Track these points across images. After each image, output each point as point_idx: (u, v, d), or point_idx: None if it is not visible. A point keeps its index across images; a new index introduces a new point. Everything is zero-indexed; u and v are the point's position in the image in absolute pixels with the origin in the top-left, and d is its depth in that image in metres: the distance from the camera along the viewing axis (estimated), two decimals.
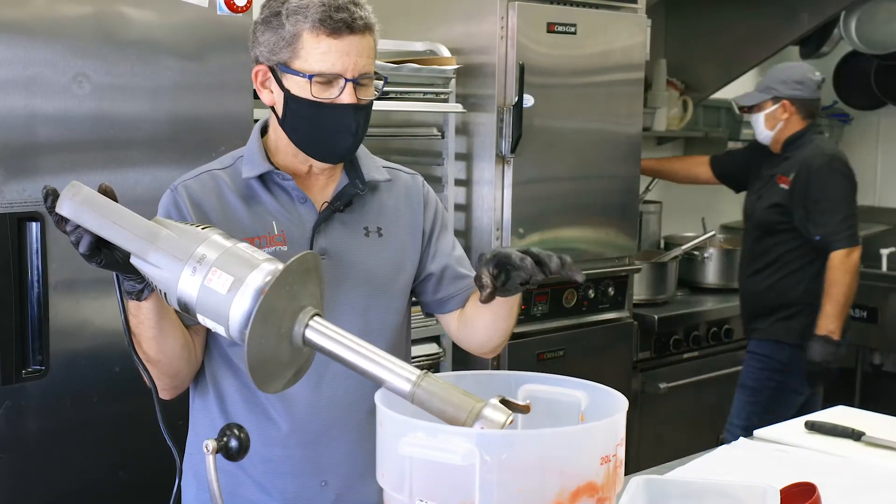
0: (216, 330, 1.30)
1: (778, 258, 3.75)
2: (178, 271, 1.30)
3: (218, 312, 1.27)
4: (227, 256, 1.29)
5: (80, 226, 1.36)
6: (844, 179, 3.63)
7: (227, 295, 1.26)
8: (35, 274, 2.33)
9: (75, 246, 1.38)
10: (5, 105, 2.26)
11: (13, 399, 2.32)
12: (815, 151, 3.67)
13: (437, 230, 1.88)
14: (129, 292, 1.50)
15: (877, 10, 4.97)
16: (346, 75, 1.64)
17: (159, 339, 1.59)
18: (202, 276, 1.28)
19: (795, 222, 3.66)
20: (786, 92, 3.73)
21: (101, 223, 1.35)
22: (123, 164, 2.45)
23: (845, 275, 3.55)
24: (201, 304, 1.28)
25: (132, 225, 1.34)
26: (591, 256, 3.69)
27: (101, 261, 1.39)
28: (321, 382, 1.72)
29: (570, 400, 1.38)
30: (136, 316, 1.54)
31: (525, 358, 3.46)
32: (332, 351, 1.29)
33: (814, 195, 3.60)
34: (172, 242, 1.32)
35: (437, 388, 1.26)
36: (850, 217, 3.60)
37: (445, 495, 1.17)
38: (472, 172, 3.46)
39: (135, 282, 1.47)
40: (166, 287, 1.31)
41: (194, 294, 1.28)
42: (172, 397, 1.73)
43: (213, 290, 1.27)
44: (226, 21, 2.53)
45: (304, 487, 1.73)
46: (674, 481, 1.67)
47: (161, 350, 1.61)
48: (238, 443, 1.29)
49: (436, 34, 3.45)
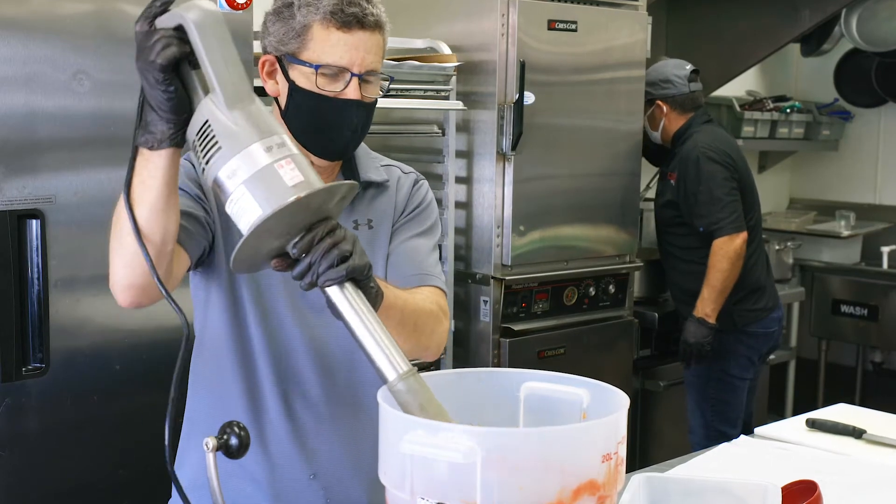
0: (238, 214, 1.28)
1: (681, 251, 3.80)
2: (252, 139, 1.28)
3: (267, 197, 1.26)
4: (301, 158, 1.31)
5: (181, 37, 1.30)
6: (719, 167, 3.65)
7: (289, 188, 1.27)
8: (35, 271, 2.33)
9: (149, 52, 1.29)
10: (5, 102, 2.26)
11: (13, 397, 2.32)
12: (691, 144, 3.71)
13: (405, 222, 1.82)
14: (152, 134, 1.36)
15: (878, 8, 4.96)
16: (353, 69, 1.64)
17: (157, 206, 1.42)
18: (275, 158, 1.28)
19: (684, 216, 3.72)
20: (656, 93, 3.81)
21: (214, 51, 1.29)
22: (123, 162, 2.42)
23: (723, 260, 3.59)
24: (256, 179, 1.27)
25: (238, 72, 1.31)
26: (591, 254, 3.69)
27: (168, 81, 1.30)
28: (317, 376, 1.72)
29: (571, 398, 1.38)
30: (144, 170, 1.40)
31: (526, 356, 3.46)
32: (343, 314, 1.32)
33: (692, 188, 3.66)
34: (263, 114, 1.31)
35: (420, 390, 1.27)
36: (730, 204, 3.62)
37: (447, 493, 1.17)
38: (473, 170, 3.46)
39: (168, 124, 1.35)
40: (228, 143, 1.28)
41: (256, 168, 1.27)
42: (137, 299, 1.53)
43: (280, 175, 1.27)
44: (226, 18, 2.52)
45: (293, 480, 1.73)
46: (675, 479, 1.67)
47: (155, 222, 1.43)
48: (238, 440, 1.29)
49: (436, 31, 3.45)
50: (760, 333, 3.78)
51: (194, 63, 1.32)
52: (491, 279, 3.42)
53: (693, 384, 3.84)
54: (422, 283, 1.75)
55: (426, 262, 1.79)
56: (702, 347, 3.65)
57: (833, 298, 5.10)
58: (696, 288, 3.69)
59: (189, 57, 1.31)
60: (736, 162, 3.70)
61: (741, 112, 4.89)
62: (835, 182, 5.69)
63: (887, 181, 5.54)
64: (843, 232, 5.22)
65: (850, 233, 5.23)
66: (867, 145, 5.56)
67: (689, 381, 3.86)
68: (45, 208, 2.33)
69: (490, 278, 3.43)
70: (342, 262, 1.31)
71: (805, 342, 5.19)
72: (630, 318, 3.85)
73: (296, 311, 1.70)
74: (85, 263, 2.41)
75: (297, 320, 1.71)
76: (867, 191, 5.59)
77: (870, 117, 5.52)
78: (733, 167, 3.67)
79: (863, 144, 5.57)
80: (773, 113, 5.04)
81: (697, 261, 3.68)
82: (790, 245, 5.02)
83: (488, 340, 3.44)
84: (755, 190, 3.83)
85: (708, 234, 3.63)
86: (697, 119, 3.80)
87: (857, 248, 5.35)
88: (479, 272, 3.47)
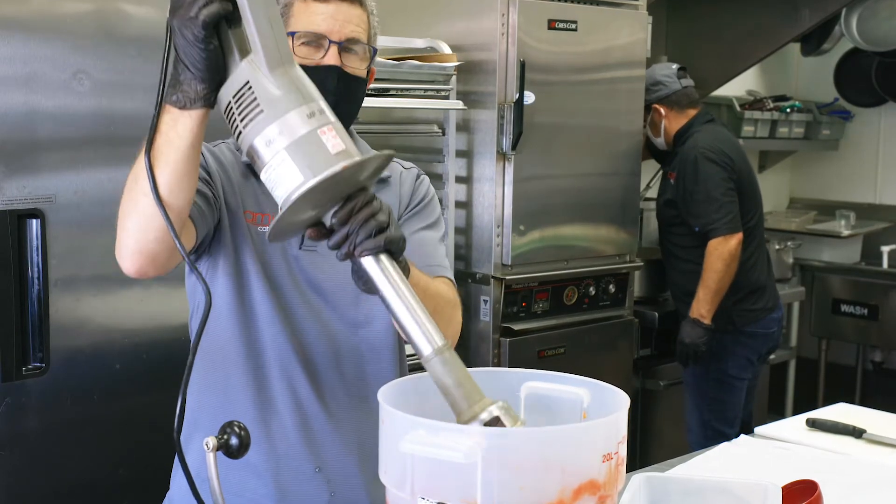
0: (276, 180, 1.24)
1: (681, 251, 3.81)
2: (296, 103, 1.25)
3: (311, 164, 1.23)
4: (340, 126, 1.28)
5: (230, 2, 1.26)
6: (717, 168, 3.65)
7: (332, 156, 1.24)
8: (35, 271, 2.33)
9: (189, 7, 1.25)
10: (5, 102, 2.26)
11: (13, 396, 2.32)
12: (691, 144, 3.72)
13: (410, 215, 1.82)
14: (185, 93, 1.32)
15: (878, 7, 4.96)
16: (332, 37, 1.64)
17: (181, 168, 1.38)
18: (317, 124, 1.25)
19: (682, 216, 3.73)
20: (650, 98, 3.83)
21: (259, 10, 1.25)
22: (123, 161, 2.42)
23: (718, 261, 3.60)
24: (299, 146, 1.23)
25: (282, 34, 1.28)
26: (591, 254, 3.69)
27: (208, 38, 1.26)
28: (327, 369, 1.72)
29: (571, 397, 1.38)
30: (172, 130, 1.35)
31: (526, 355, 3.46)
32: (378, 285, 1.29)
33: (689, 188, 3.67)
34: (304, 79, 1.28)
35: (455, 365, 1.25)
36: (726, 205, 3.63)
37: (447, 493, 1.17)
38: (473, 169, 3.46)
39: (202, 84, 1.30)
40: (269, 107, 1.24)
41: (299, 133, 1.23)
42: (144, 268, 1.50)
43: (323, 143, 1.24)
44: None
45: (298, 472, 1.72)
46: (675, 479, 1.67)
47: (177, 185, 1.39)
48: (238, 440, 1.29)
49: (437, 31, 3.45)
50: (760, 334, 3.78)
51: (231, 22, 1.29)
52: (491, 279, 3.42)
53: (691, 384, 3.84)
54: (433, 275, 1.74)
55: (436, 254, 1.79)
56: (697, 348, 3.65)
57: (833, 298, 5.10)
58: (693, 287, 3.69)
59: (229, 15, 1.28)
60: (735, 162, 3.70)
61: (741, 112, 4.89)
62: (835, 182, 5.69)
63: (887, 181, 5.54)
64: (843, 231, 5.22)
65: (850, 232, 5.24)
66: (867, 145, 5.56)
67: (688, 381, 3.86)
68: (46, 208, 2.33)
69: (490, 278, 3.43)
70: (380, 233, 1.29)
71: (805, 342, 5.19)
72: (630, 317, 3.85)
73: (307, 303, 1.70)
74: (85, 263, 2.41)
75: (309, 313, 1.70)
76: (867, 190, 5.59)
77: (870, 117, 5.52)
78: (731, 168, 3.67)
79: (863, 144, 5.56)
80: (773, 112, 5.04)
81: (696, 260, 3.68)
82: (790, 245, 5.02)
83: (488, 340, 3.44)
84: (757, 190, 3.83)
85: (704, 234, 3.64)
86: (699, 119, 3.81)
87: (857, 247, 5.36)
88: (479, 272, 3.47)
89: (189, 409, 1.76)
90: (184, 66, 1.30)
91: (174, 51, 1.31)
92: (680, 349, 3.70)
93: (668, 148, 3.88)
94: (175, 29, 1.28)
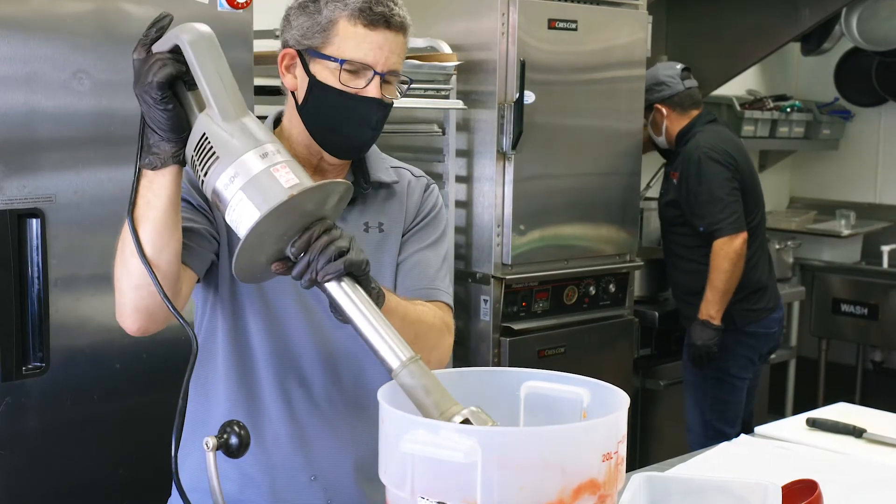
0: (237, 220, 1.33)
1: (683, 250, 3.80)
2: (248, 146, 1.35)
3: (264, 198, 1.31)
4: (295, 164, 1.37)
5: (177, 59, 1.38)
6: (721, 168, 3.65)
7: (285, 189, 1.31)
8: (35, 270, 2.33)
9: (146, 74, 1.37)
10: (5, 102, 2.26)
11: (13, 396, 2.32)
12: (694, 144, 3.72)
13: (415, 230, 1.82)
14: (156, 155, 1.43)
15: (878, 7, 4.96)
16: (377, 68, 1.64)
17: (162, 224, 1.46)
18: (270, 163, 1.34)
19: (685, 216, 3.72)
20: (652, 97, 3.82)
21: (208, 67, 1.37)
22: (124, 161, 2.44)
23: (725, 261, 3.60)
24: (253, 184, 1.32)
25: (232, 86, 1.39)
26: (591, 253, 3.69)
27: (166, 99, 1.38)
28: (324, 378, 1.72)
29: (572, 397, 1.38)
30: (149, 191, 1.44)
31: (526, 355, 3.46)
32: (342, 307, 1.35)
33: (693, 188, 3.67)
34: (256, 125, 1.38)
35: (424, 376, 1.29)
36: (731, 205, 3.63)
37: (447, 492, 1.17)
38: (473, 169, 3.46)
39: (169, 143, 1.42)
40: (224, 153, 1.34)
41: (253, 172, 1.32)
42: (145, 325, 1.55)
43: (277, 178, 1.32)
44: (226, 17, 2.53)
45: (294, 481, 1.72)
46: (675, 478, 1.67)
47: (160, 240, 1.46)
48: (238, 440, 1.29)
49: (437, 31, 3.45)
50: (760, 333, 3.78)
51: (189, 84, 1.40)
52: (491, 278, 3.42)
53: (691, 383, 3.84)
54: (429, 298, 1.76)
55: (435, 276, 1.79)
56: (710, 349, 3.64)
57: (833, 297, 5.10)
58: (695, 288, 3.69)
59: (184, 76, 1.39)
60: (738, 162, 3.70)
61: (741, 111, 4.89)
62: (835, 181, 5.69)
63: (887, 180, 5.54)
64: (843, 231, 5.22)
65: (850, 232, 5.23)
66: (867, 144, 5.56)
67: (688, 380, 3.86)
68: (46, 207, 2.33)
69: (490, 277, 3.43)
70: (339, 257, 1.34)
71: (805, 341, 5.19)
72: (630, 317, 3.85)
73: (306, 311, 1.70)
74: (85, 262, 2.41)
75: (307, 321, 1.70)
76: (867, 190, 5.58)
77: (870, 116, 5.52)
78: (735, 167, 3.67)
79: (863, 143, 5.56)
80: (773, 112, 5.04)
81: (698, 260, 3.68)
82: (790, 244, 5.02)
83: (488, 339, 3.44)
84: (759, 190, 3.83)
85: (708, 234, 3.63)
86: (701, 119, 3.81)
87: (857, 247, 5.35)
88: (479, 271, 3.47)
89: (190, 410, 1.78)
90: (151, 129, 1.41)
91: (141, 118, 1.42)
92: (693, 352, 3.68)
93: (670, 147, 3.88)
94: (138, 96, 1.39)
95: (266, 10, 2.76)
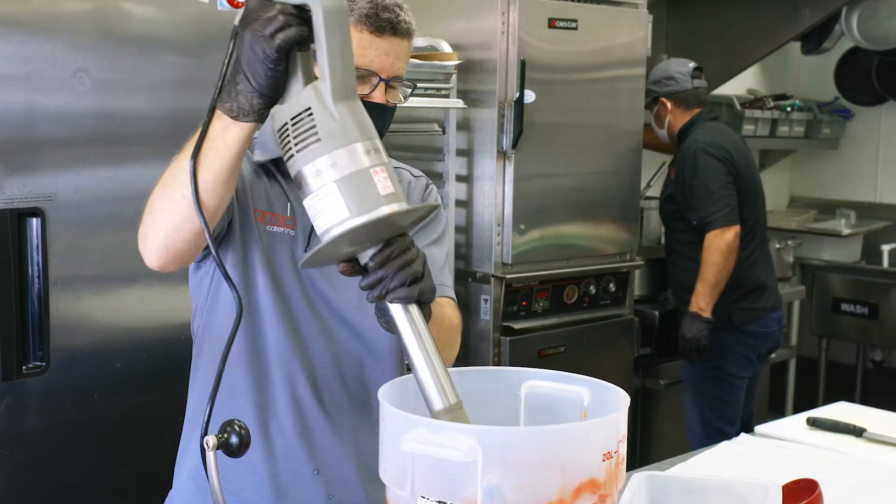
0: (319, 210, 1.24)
1: (681, 247, 3.81)
2: (354, 137, 1.25)
3: (359, 203, 1.23)
4: (391, 168, 1.28)
5: (302, 19, 1.25)
6: (717, 162, 3.66)
7: (382, 198, 1.24)
8: (35, 270, 2.33)
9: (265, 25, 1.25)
10: (5, 101, 2.26)
11: (13, 395, 2.32)
12: (692, 139, 3.73)
13: (417, 230, 1.79)
14: (240, 104, 1.31)
15: (878, 6, 4.96)
16: (382, 74, 1.64)
17: (223, 176, 1.38)
18: (372, 163, 1.25)
19: (681, 210, 3.73)
20: (660, 90, 3.85)
21: (334, 42, 1.25)
22: (124, 160, 2.45)
23: (715, 254, 3.60)
24: (351, 181, 1.23)
25: (351, 67, 1.27)
26: (592, 252, 3.69)
27: (279, 60, 1.26)
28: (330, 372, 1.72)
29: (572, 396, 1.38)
30: (220, 138, 1.35)
31: (526, 354, 3.46)
32: (402, 334, 1.30)
33: (688, 182, 3.68)
34: (365, 114, 1.28)
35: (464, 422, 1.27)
36: (724, 198, 3.63)
37: (447, 492, 1.17)
38: (473, 168, 3.46)
39: (260, 99, 1.30)
40: (328, 137, 1.24)
41: (353, 169, 1.23)
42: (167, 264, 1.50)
43: (374, 182, 1.24)
44: (226, 16, 2.53)
45: (297, 474, 1.72)
46: (676, 478, 1.67)
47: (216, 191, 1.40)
48: (238, 439, 1.29)
49: (437, 30, 3.44)
50: (760, 333, 3.78)
51: (300, 44, 1.28)
52: (491, 277, 3.42)
53: (691, 382, 3.84)
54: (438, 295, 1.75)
55: (441, 273, 1.78)
56: (699, 342, 3.65)
57: (833, 297, 5.10)
58: (692, 284, 3.69)
59: (302, 39, 1.27)
60: (735, 158, 3.70)
61: (741, 110, 4.89)
62: (835, 180, 5.69)
63: (888, 179, 5.54)
64: (843, 230, 5.22)
65: (850, 231, 5.24)
66: (867, 144, 5.56)
67: (687, 379, 3.86)
68: (46, 206, 2.33)
69: (490, 277, 3.43)
70: (414, 283, 1.30)
71: (805, 340, 5.19)
72: (630, 316, 3.85)
73: (311, 306, 1.70)
74: (85, 262, 2.41)
75: (312, 315, 1.70)
76: (867, 189, 5.58)
77: (870, 116, 5.52)
78: (731, 163, 3.67)
79: (863, 143, 5.56)
80: (773, 111, 5.04)
81: (696, 257, 3.68)
82: (790, 243, 5.02)
83: (489, 339, 3.44)
84: (759, 188, 3.83)
85: (701, 227, 3.64)
86: (703, 116, 3.82)
87: (857, 246, 5.36)
88: (479, 270, 3.46)
89: (190, 408, 1.78)
90: (244, 76, 1.29)
91: (235, 56, 1.29)
92: (683, 345, 3.70)
93: (672, 142, 3.89)
94: (245, 40, 1.27)
95: None
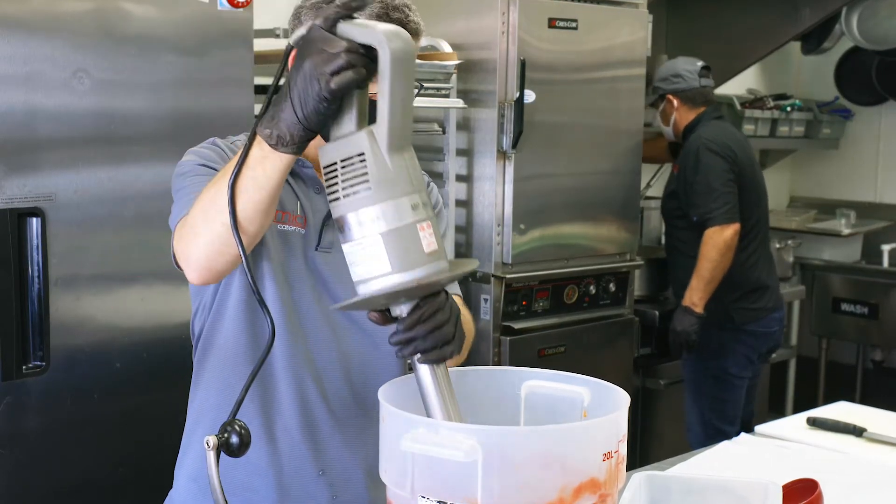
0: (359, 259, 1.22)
1: (682, 244, 3.81)
2: (404, 190, 1.21)
3: (402, 259, 1.21)
4: (434, 220, 1.25)
5: (368, 59, 1.20)
6: (719, 159, 3.66)
7: (425, 256, 1.22)
8: (35, 270, 2.33)
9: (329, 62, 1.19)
10: (5, 101, 2.26)
11: (13, 395, 2.32)
12: (695, 137, 3.74)
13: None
14: (284, 133, 1.26)
15: (878, 6, 4.96)
16: None
17: (262, 205, 1.35)
18: (418, 218, 1.22)
19: (682, 207, 3.74)
20: (667, 87, 3.86)
21: (398, 89, 1.20)
22: (124, 160, 2.45)
23: (712, 250, 3.60)
24: (396, 235, 1.20)
25: (410, 117, 1.23)
26: (592, 252, 3.68)
27: (336, 99, 1.21)
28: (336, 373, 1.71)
29: (572, 396, 1.38)
30: (259, 166, 1.31)
31: (526, 354, 3.46)
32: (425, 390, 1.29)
33: (690, 178, 3.69)
34: (416, 165, 1.24)
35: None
36: (724, 195, 3.63)
37: (447, 491, 1.17)
38: (473, 168, 3.46)
39: (306, 132, 1.25)
40: (379, 187, 1.20)
41: (399, 223, 1.21)
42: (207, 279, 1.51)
43: (420, 239, 1.22)
44: (226, 16, 2.53)
45: (301, 474, 1.72)
46: (676, 477, 1.67)
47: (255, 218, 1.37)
48: (239, 439, 1.29)
49: (437, 30, 3.44)
50: (760, 333, 3.78)
51: (361, 83, 1.23)
52: (491, 277, 3.42)
53: (691, 382, 3.84)
54: None
55: None
56: (689, 336, 3.65)
57: (833, 297, 5.10)
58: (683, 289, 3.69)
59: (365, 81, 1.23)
60: (738, 156, 3.70)
61: (742, 110, 4.88)
62: (835, 180, 5.69)
63: (888, 179, 5.53)
64: (843, 230, 5.22)
65: (850, 231, 5.23)
66: (868, 144, 5.56)
67: (688, 379, 3.86)
68: (46, 206, 2.33)
69: (490, 276, 3.43)
70: (445, 346, 1.29)
71: (805, 340, 5.19)
72: (631, 316, 3.85)
73: (319, 304, 1.69)
74: (85, 262, 2.41)
75: (320, 314, 1.69)
76: (868, 189, 5.58)
77: (870, 116, 5.52)
78: (733, 160, 3.68)
79: (863, 143, 5.56)
80: (773, 111, 5.04)
81: (696, 255, 3.68)
82: (791, 243, 5.02)
83: (489, 339, 3.44)
84: (761, 188, 3.83)
85: (701, 224, 3.64)
86: (707, 115, 3.83)
87: (857, 246, 5.35)
88: (479, 270, 3.46)
89: (193, 405, 1.77)
90: (291, 105, 1.24)
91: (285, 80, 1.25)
92: (672, 338, 3.70)
93: (677, 139, 3.89)
94: (302, 70, 1.22)
95: (266, 9, 2.77)
